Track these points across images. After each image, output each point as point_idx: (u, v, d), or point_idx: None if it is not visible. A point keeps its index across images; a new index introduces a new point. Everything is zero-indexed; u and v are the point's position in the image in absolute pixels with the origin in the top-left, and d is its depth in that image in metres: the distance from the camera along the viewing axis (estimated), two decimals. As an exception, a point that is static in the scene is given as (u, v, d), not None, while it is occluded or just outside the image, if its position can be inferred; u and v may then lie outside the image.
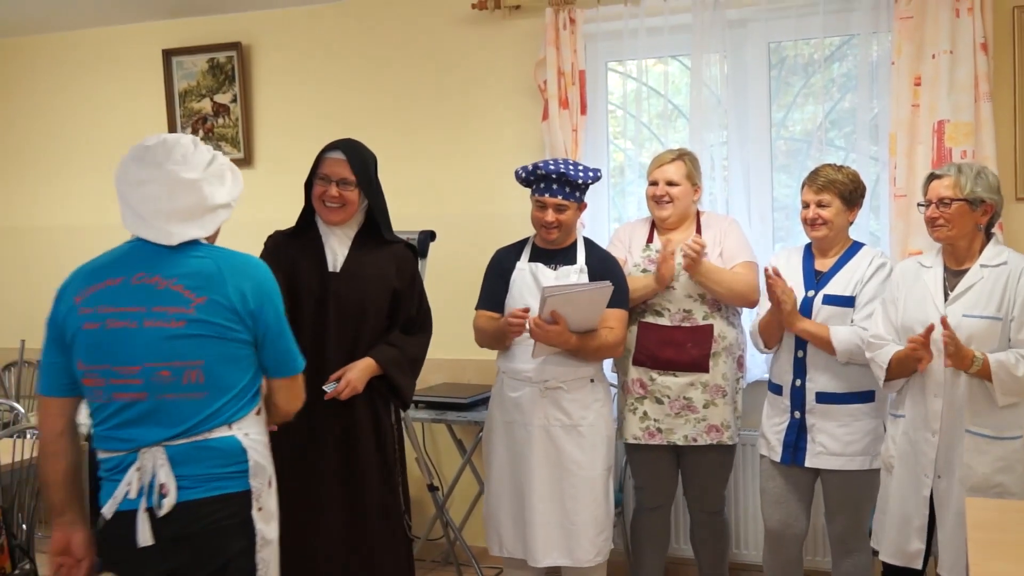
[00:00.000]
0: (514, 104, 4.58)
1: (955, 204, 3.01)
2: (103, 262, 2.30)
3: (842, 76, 4.26)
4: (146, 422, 2.21)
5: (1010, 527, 2.65)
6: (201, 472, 2.21)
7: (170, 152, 2.26)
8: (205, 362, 2.21)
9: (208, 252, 2.29)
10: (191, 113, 5.18)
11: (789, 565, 3.52)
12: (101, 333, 2.21)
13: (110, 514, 2.21)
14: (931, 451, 3.06)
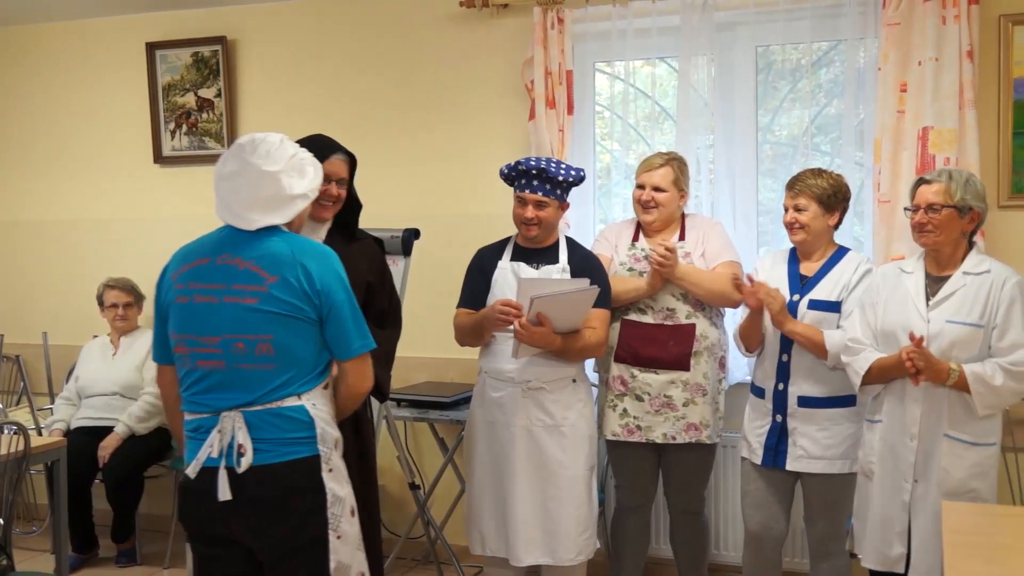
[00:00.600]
0: (501, 103, 4.57)
1: (944, 211, 3.03)
2: (197, 245, 2.58)
3: (828, 82, 4.28)
4: (225, 388, 2.46)
5: (986, 530, 2.67)
6: (274, 437, 2.44)
7: (256, 148, 2.50)
8: (275, 336, 2.44)
9: (284, 237, 2.52)
10: (175, 107, 5.15)
11: (768, 567, 3.53)
12: (190, 307, 2.49)
13: (194, 472, 2.45)
14: (910, 456, 3.08)
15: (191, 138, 5.15)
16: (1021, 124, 3.86)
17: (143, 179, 5.28)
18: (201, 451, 2.45)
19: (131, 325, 5.02)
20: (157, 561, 4.84)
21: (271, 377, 2.46)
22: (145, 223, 5.26)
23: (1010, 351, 2.96)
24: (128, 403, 4.85)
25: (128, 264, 5.16)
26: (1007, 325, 2.97)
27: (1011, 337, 2.97)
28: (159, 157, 5.22)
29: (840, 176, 3.48)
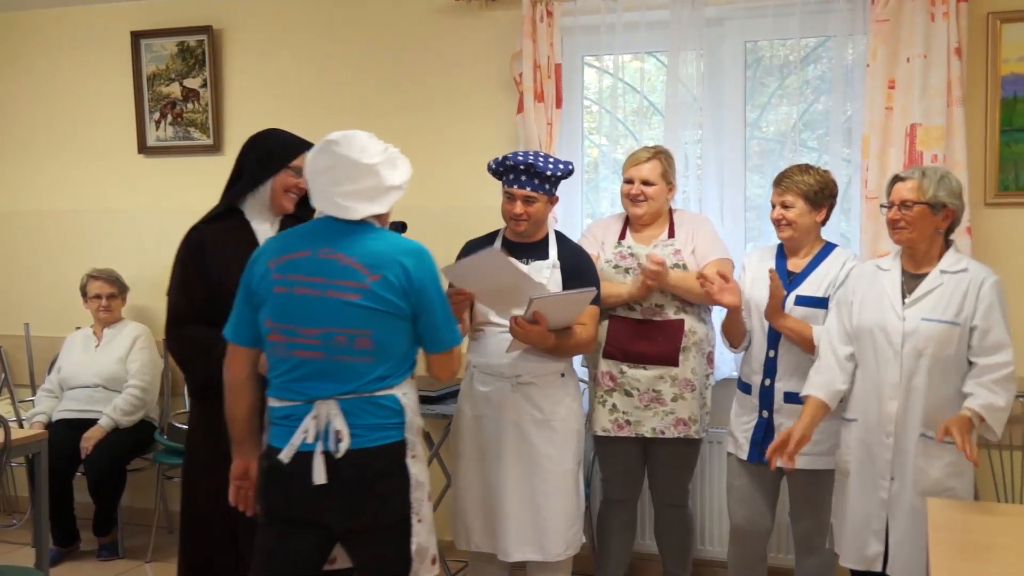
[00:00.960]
0: (489, 96, 4.55)
1: (916, 207, 3.03)
2: (295, 235, 2.67)
3: (816, 78, 4.27)
4: (322, 378, 2.55)
5: (970, 528, 2.68)
6: (367, 423, 2.55)
7: (351, 142, 2.61)
8: (374, 331, 2.54)
9: (382, 236, 2.63)
10: (159, 97, 5.11)
11: (753, 562, 3.53)
12: (289, 297, 2.56)
13: (288, 457, 2.53)
14: (887, 453, 3.08)
15: (176, 128, 5.10)
16: (1008, 121, 3.86)
17: (127, 169, 5.23)
18: (295, 436, 2.53)
19: (115, 316, 4.99)
20: (139, 555, 4.81)
21: (368, 369, 2.56)
22: (129, 214, 5.22)
23: (994, 350, 2.96)
24: (111, 395, 4.83)
25: (112, 255, 5.12)
26: (988, 325, 2.97)
27: (993, 337, 2.97)
28: (143, 147, 5.18)
29: (827, 172, 3.48)
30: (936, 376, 3.00)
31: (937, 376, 3.00)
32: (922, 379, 3.01)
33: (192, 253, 3.15)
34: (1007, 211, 3.86)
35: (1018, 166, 3.86)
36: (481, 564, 3.69)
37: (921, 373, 3.01)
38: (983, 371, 2.96)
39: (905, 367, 3.04)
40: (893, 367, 3.05)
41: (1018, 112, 3.85)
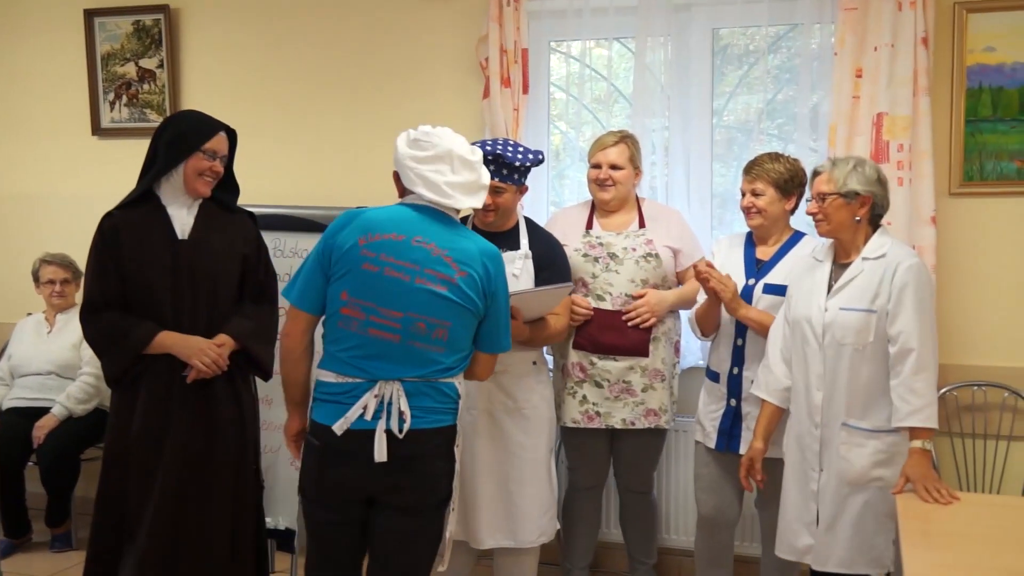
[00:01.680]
0: (455, 81, 4.49)
1: (829, 199, 3.02)
2: (386, 216, 2.69)
3: (782, 67, 4.25)
4: (391, 360, 2.61)
5: (939, 518, 2.68)
6: (426, 405, 2.63)
7: (453, 138, 2.73)
8: (452, 324, 2.64)
9: (470, 236, 2.74)
10: (114, 77, 4.99)
11: (720, 550, 3.52)
12: (378, 277, 2.61)
13: (341, 430, 2.58)
14: (815, 444, 3.08)
15: (131, 110, 4.99)
16: (973, 111, 3.88)
17: (81, 151, 5.12)
18: (351, 411, 2.58)
19: (68, 302, 4.89)
20: (93, 545, 4.72)
21: (439, 359, 2.65)
22: (83, 197, 5.09)
23: (900, 336, 2.90)
24: (64, 383, 4.73)
25: (65, 239, 4.99)
26: (898, 309, 2.92)
27: (900, 322, 2.91)
28: (97, 129, 5.07)
29: (797, 161, 3.47)
30: (858, 366, 2.98)
31: (859, 366, 2.98)
32: (844, 369, 3.00)
33: (105, 240, 3.14)
34: (972, 201, 3.87)
35: (983, 156, 3.88)
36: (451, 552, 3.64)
37: (843, 363, 3.00)
38: (895, 363, 2.92)
39: (828, 358, 3.03)
40: (817, 358, 3.05)
41: (983, 102, 3.87)
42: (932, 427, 2.89)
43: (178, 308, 3.14)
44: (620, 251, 3.63)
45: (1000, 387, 3.78)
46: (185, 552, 3.12)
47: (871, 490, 2.97)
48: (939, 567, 2.29)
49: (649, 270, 3.64)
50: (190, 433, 3.14)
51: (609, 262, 3.62)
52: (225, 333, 3.18)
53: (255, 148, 3.35)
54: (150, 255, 3.13)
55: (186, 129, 3.16)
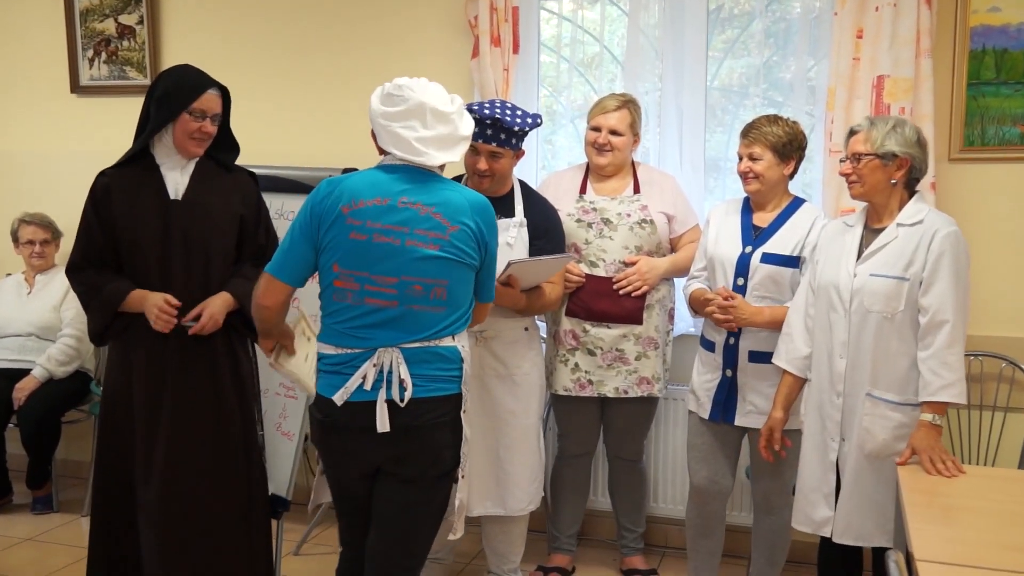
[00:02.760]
0: (443, 39, 4.38)
1: (865, 159, 2.91)
2: (366, 181, 2.60)
3: (781, 29, 4.14)
4: (391, 327, 2.54)
5: (943, 491, 2.64)
6: (427, 373, 2.56)
7: (425, 89, 2.60)
8: (449, 282, 2.57)
9: (456, 188, 2.65)
10: (93, 34, 4.87)
11: (712, 520, 3.48)
12: (367, 245, 2.53)
13: (341, 401, 2.54)
14: (836, 414, 3.01)
15: (111, 67, 4.87)
16: (976, 74, 3.79)
17: (59, 109, 5.01)
18: (351, 381, 2.54)
19: (48, 263, 4.82)
20: (75, 508, 4.69)
21: (439, 319, 2.58)
22: (62, 156, 5.00)
23: (934, 307, 2.82)
24: (44, 344, 4.67)
25: (45, 199, 4.92)
26: (933, 279, 2.83)
27: (935, 292, 2.82)
28: (76, 86, 4.95)
29: (796, 124, 3.37)
30: (886, 334, 2.90)
31: (887, 334, 2.90)
32: (870, 337, 2.92)
33: (96, 199, 3.09)
34: (972, 166, 3.79)
35: (984, 120, 3.79)
36: None
37: (869, 331, 2.92)
38: (925, 334, 2.84)
39: (854, 325, 2.95)
40: (843, 325, 2.97)
41: (986, 65, 3.78)
42: (962, 403, 2.84)
43: (168, 270, 3.07)
44: (614, 217, 3.56)
45: (998, 357, 3.73)
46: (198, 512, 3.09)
47: (892, 463, 2.88)
48: (947, 541, 2.25)
49: (643, 236, 3.58)
50: (192, 391, 3.09)
51: (603, 228, 3.55)
52: (227, 292, 3.12)
53: (237, 108, 3.24)
54: (141, 215, 3.06)
55: (173, 89, 3.06)
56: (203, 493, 3.10)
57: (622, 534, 3.95)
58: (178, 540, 3.06)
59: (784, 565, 3.51)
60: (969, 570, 2.09)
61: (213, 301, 3.10)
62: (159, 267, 3.07)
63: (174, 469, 3.05)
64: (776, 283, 3.26)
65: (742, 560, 3.93)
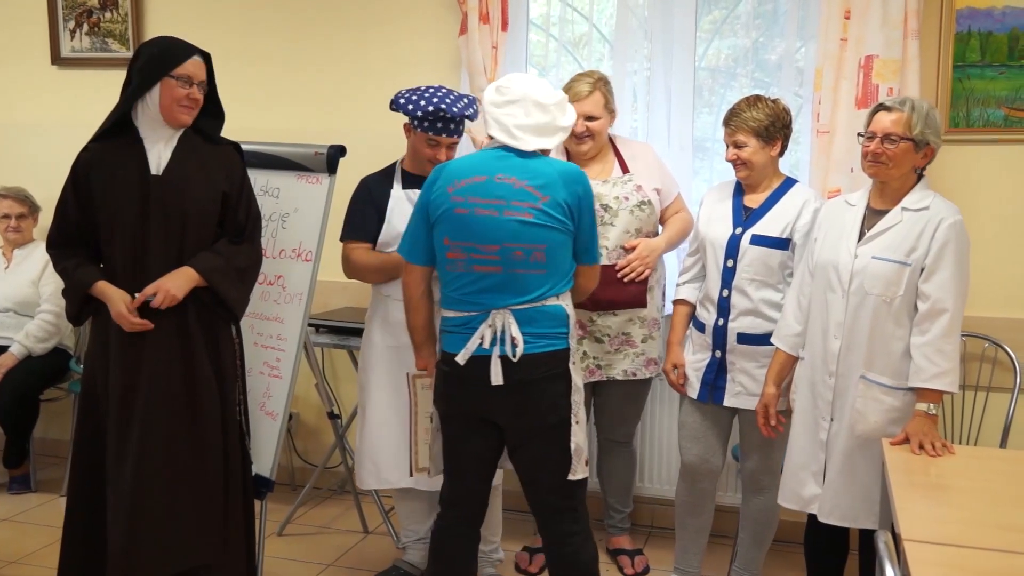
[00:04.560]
0: (430, 14, 4.34)
1: (902, 143, 2.89)
2: (469, 163, 2.89)
3: (768, 10, 4.13)
4: (499, 290, 2.81)
5: (929, 470, 2.66)
6: (537, 331, 2.81)
7: (533, 83, 2.88)
8: (547, 246, 2.80)
9: (548, 162, 2.87)
10: (74, 5, 4.79)
11: (702, 498, 3.49)
12: (470, 218, 2.80)
13: (463, 360, 2.81)
14: (828, 393, 3.02)
15: (93, 39, 4.80)
16: (961, 57, 3.80)
17: (39, 81, 4.93)
18: (471, 341, 2.81)
19: (26, 237, 4.76)
20: (53, 488, 4.65)
21: (541, 281, 2.81)
22: (42, 128, 4.93)
23: (934, 295, 2.84)
24: (22, 320, 4.63)
25: (22, 172, 4.85)
26: (936, 267, 2.84)
27: (937, 280, 2.84)
28: (57, 58, 4.88)
29: (777, 101, 3.33)
30: (882, 318, 2.91)
31: (883, 318, 2.91)
32: (866, 320, 2.93)
33: (75, 177, 3.04)
34: (957, 148, 3.80)
35: (969, 102, 3.81)
36: (406, 496, 3.64)
37: (866, 313, 2.93)
38: (922, 321, 2.86)
39: (851, 306, 2.96)
40: (839, 306, 2.98)
41: (971, 47, 3.79)
42: (953, 391, 2.85)
43: (146, 247, 3.01)
44: (612, 201, 3.55)
45: (981, 338, 3.75)
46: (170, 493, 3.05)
47: (880, 445, 2.88)
48: (933, 521, 2.26)
49: (643, 219, 3.58)
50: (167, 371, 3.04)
51: (603, 215, 3.53)
52: (190, 266, 3.05)
53: (222, 84, 3.20)
54: (120, 191, 3.00)
55: (157, 53, 3.01)
56: (176, 474, 3.04)
57: (609, 514, 3.96)
58: (148, 524, 3.00)
59: (771, 545, 3.53)
60: (956, 549, 2.10)
61: (172, 274, 3.02)
62: (136, 244, 3.01)
63: (147, 448, 3.00)
64: (767, 266, 3.26)
65: (729, 539, 3.95)
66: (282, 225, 3.65)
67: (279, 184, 3.68)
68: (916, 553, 2.06)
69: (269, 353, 3.60)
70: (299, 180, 3.65)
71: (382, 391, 3.47)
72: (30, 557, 3.91)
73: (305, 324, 3.56)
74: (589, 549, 2.95)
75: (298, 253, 3.60)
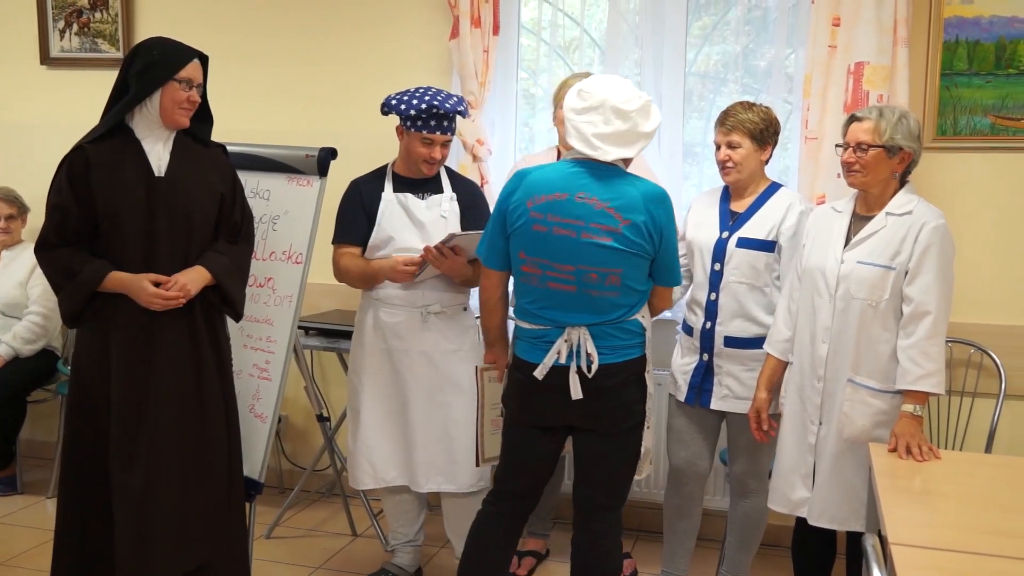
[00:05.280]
0: (421, 18, 4.35)
1: (872, 150, 2.94)
2: (550, 177, 2.83)
3: (758, 16, 4.16)
4: (572, 308, 2.82)
5: (915, 474, 2.68)
6: (613, 344, 2.83)
7: (613, 87, 2.79)
8: (623, 271, 2.77)
9: (633, 182, 2.80)
10: (64, 5, 4.78)
11: (689, 502, 3.50)
12: (548, 236, 2.79)
13: (542, 374, 2.84)
14: (816, 398, 3.05)
15: (82, 39, 4.79)
16: (948, 65, 3.83)
17: (28, 82, 4.92)
18: (548, 356, 2.84)
19: (14, 239, 4.73)
20: (40, 490, 4.64)
21: (616, 304, 2.81)
22: (30, 129, 4.91)
23: (918, 297, 2.87)
24: (10, 322, 4.60)
25: (11, 173, 4.83)
26: (918, 270, 2.88)
27: (920, 283, 2.88)
28: (46, 58, 4.87)
29: (769, 109, 3.37)
30: (868, 322, 2.94)
31: (869, 322, 2.94)
32: (853, 324, 2.96)
33: (72, 174, 2.99)
34: (945, 156, 3.84)
35: (956, 110, 3.84)
36: (395, 498, 3.65)
37: (853, 318, 2.96)
38: (907, 323, 2.89)
39: (838, 311, 2.99)
40: (827, 311, 3.01)
41: (959, 56, 3.82)
42: (940, 393, 2.88)
43: (152, 248, 3.01)
44: None
45: (967, 343, 3.78)
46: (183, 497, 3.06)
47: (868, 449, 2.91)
48: (919, 525, 2.28)
49: None
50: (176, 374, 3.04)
51: None
52: (202, 266, 3.07)
53: (213, 85, 3.20)
54: (124, 192, 2.98)
55: (158, 57, 3.00)
56: (188, 478, 3.06)
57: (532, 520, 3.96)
58: (160, 526, 3.01)
59: (758, 549, 3.54)
60: (942, 553, 2.12)
61: (187, 272, 3.04)
62: (143, 244, 3.00)
63: (159, 453, 3.00)
64: (754, 268, 3.27)
65: (716, 543, 3.97)
66: (272, 227, 3.66)
67: (269, 186, 3.68)
68: (903, 557, 2.08)
69: (259, 355, 3.60)
70: (290, 182, 3.66)
71: (375, 393, 3.49)
72: (18, 559, 3.89)
73: (295, 326, 3.57)
74: (616, 556, 2.98)
75: (288, 255, 3.61)
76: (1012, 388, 3.74)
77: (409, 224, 3.41)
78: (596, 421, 2.87)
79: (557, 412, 2.89)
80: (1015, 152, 3.81)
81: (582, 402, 2.84)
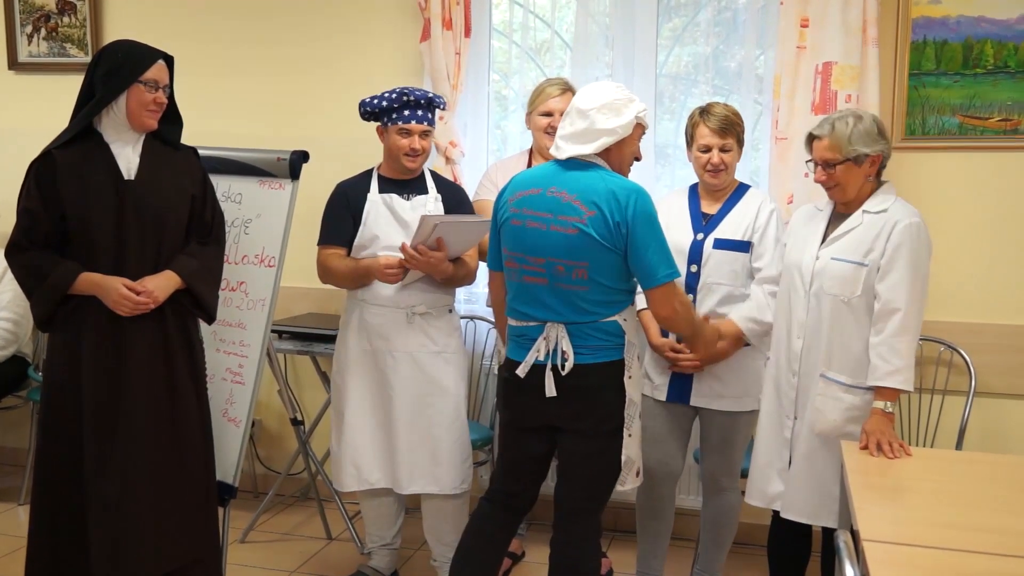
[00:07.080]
0: (391, 21, 4.35)
1: (839, 166, 2.98)
2: (531, 174, 2.95)
3: (727, 18, 4.18)
4: (548, 302, 2.86)
5: (887, 471, 2.69)
6: (591, 344, 2.84)
7: (583, 91, 2.90)
8: (589, 264, 2.79)
9: (606, 178, 2.82)
10: (31, 9, 4.74)
11: (661, 502, 3.51)
12: (522, 229, 2.87)
13: (523, 372, 2.89)
14: (792, 392, 3.09)
15: (51, 44, 4.75)
16: (917, 65, 3.87)
17: (-4, 87, 4.87)
18: (529, 355, 2.88)
19: (-18, 246, 4.66)
20: (11, 497, 4.60)
21: (589, 298, 2.83)
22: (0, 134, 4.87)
23: (888, 295, 2.91)
24: (-21, 329, 4.53)
25: (-21, 179, 4.77)
26: (889, 267, 2.92)
27: (890, 280, 2.91)
28: (14, 63, 4.84)
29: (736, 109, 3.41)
30: (841, 318, 2.98)
31: (843, 318, 2.98)
32: (827, 320, 3.00)
33: (39, 177, 2.97)
34: (913, 155, 3.87)
35: (925, 110, 3.88)
36: (375, 501, 3.65)
37: (826, 313, 3.00)
38: (877, 320, 2.93)
39: (812, 307, 3.03)
40: (802, 306, 3.06)
41: (927, 56, 3.86)
42: (907, 390, 2.90)
43: (122, 251, 2.98)
44: None
45: (937, 341, 3.82)
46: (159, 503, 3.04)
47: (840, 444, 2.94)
48: (891, 521, 2.29)
49: None
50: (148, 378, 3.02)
51: None
52: (171, 270, 3.05)
53: (183, 89, 3.19)
54: (94, 195, 2.95)
55: (123, 60, 2.98)
56: (162, 483, 3.03)
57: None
58: (134, 531, 2.99)
59: (732, 547, 3.56)
60: (914, 549, 2.13)
61: (155, 277, 3.02)
62: (112, 248, 2.98)
63: (134, 460, 2.98)
64: (731, 269, 3.30)
65: (691, 543, 3.99)
66: (245, 231, 3.64)
67: (241, 190, 3.67)
68: (875, 553, 2.09)
69: (232, 359, 3.58)
70: (261, 186, 3.65)
71: (359, 394, 3.49)
72: (-12, 567, 3.87)
73: (268, 330, 3.55)
74: (594, 558, 2.97)
75: (261, 259, 3.59)
76: (982, 385, 3.77)
77: (394, 223, 3.41)
78: (574, 422, 2.88)
79: (537, 412, 2.92)
80: (983, 151, 3.85)
81: (560, 403, 2.86)
